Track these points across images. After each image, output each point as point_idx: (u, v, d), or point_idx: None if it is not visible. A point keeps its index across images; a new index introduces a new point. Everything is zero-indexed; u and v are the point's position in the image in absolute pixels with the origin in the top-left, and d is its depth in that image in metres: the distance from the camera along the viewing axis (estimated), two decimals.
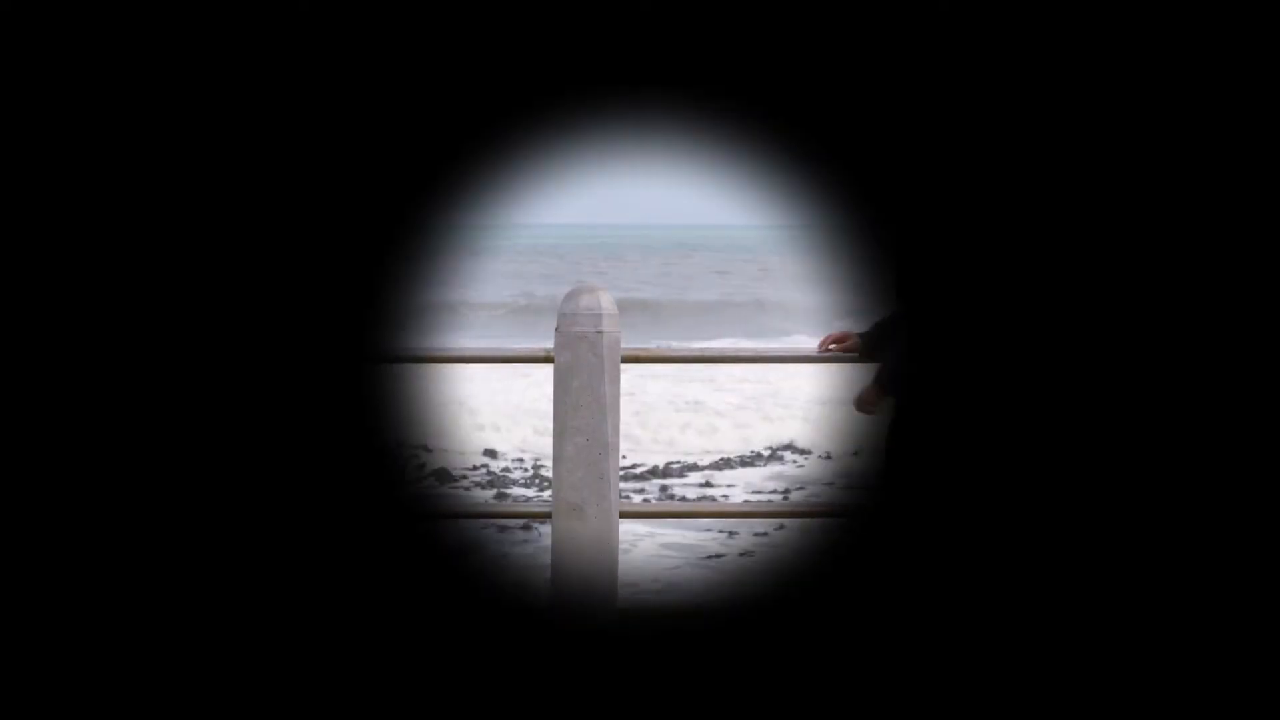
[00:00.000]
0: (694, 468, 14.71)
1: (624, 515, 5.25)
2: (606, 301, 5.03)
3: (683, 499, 13.08)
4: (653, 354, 5.46)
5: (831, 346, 4.92)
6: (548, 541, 4.76)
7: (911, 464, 4.36)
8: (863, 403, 4.57)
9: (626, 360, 5.15)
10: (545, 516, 5.26)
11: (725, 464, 14.82)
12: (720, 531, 11.35)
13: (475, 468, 14.60)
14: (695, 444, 15.77)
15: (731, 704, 4.54)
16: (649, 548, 10.75)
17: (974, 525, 4.34)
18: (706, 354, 5.93)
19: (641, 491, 13.39)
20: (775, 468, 14.85)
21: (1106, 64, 4.42)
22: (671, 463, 14.80)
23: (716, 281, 46.22)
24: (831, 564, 5.04)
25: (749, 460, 15.12)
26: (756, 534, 11.31)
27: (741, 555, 10.78)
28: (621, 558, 5.06)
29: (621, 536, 5.13)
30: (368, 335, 4.83)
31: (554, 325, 5.04)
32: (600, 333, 4.99)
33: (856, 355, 4.83)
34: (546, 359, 5.13)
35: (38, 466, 4.46)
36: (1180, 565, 4.46)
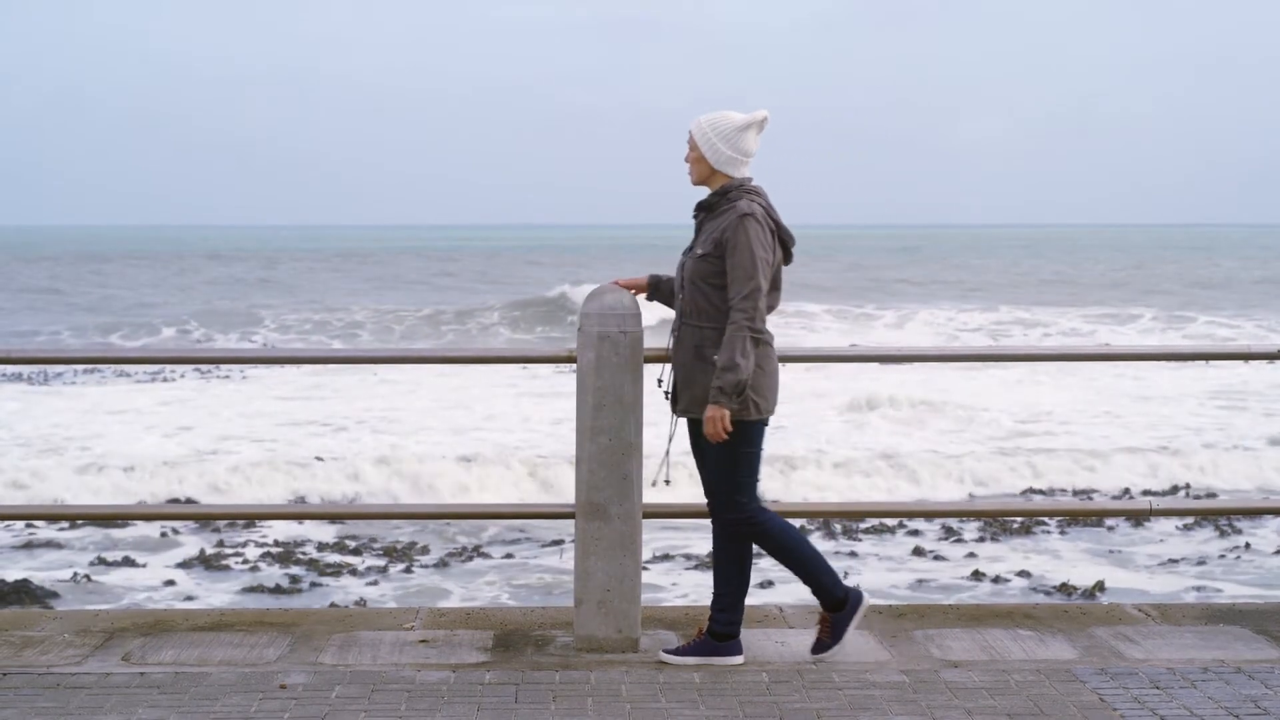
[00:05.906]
0: None
1: (648, 515, 5.19)
2: (629, 301, 4.98)
3: None
4: None
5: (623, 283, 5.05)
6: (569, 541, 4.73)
7: None
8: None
9: (650, 360, 5.09)
10: (568, 516, 5.21)
11: None
12: None
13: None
14: None
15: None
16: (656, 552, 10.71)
17: None
18: None
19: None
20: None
21: None
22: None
23: None
24: None
25: None
26: None
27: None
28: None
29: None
30: None
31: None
32: (624, 332, 4.95)
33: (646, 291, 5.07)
34: (569, 359, 5.10)
35: None
36: None
